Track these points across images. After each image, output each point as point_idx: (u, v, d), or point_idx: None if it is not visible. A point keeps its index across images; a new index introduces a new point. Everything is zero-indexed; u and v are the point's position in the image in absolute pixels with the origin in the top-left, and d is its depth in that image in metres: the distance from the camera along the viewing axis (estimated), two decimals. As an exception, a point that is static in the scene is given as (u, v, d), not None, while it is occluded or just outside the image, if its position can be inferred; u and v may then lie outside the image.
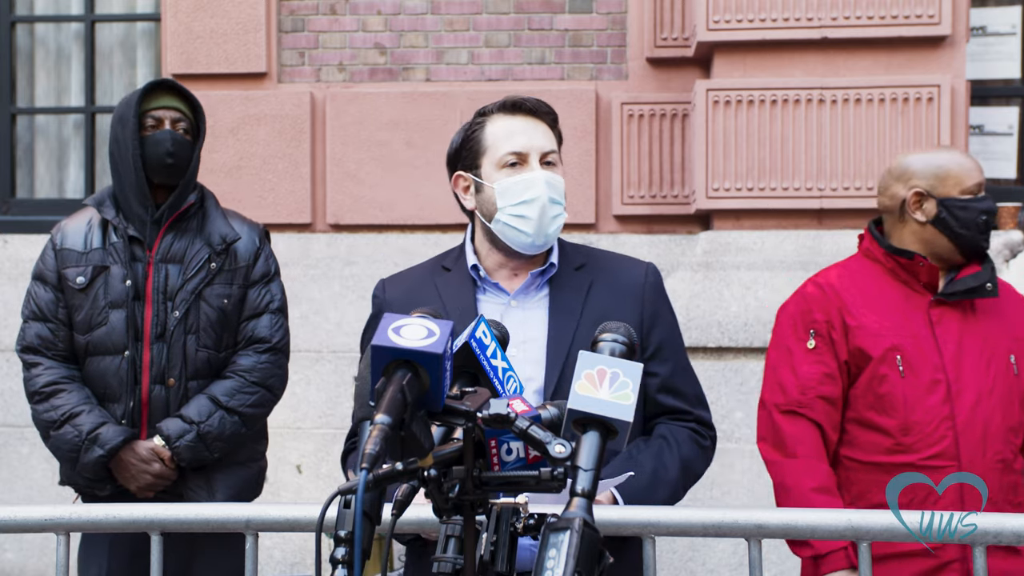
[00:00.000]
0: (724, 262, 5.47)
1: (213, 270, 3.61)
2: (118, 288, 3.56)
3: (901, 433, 3.03)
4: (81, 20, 6.61)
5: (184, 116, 3.66)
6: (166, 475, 3.56)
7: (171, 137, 3.59)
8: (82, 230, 3.64)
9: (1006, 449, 3.05)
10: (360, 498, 1.61)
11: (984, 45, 6.02)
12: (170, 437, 3.53)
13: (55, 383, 3.58)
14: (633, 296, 2.65)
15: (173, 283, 3.57)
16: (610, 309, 2.57)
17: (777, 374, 3.16)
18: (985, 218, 3.11)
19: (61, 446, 3.56)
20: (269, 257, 3.74)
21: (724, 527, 2.52)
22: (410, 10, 6.17)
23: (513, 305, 2.63)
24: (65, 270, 3.61)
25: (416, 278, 2.75)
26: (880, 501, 3.01)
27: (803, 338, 3.13)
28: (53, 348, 3.62)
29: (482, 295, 2.65)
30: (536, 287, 2.65)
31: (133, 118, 3.58)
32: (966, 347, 3.07)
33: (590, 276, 2.66)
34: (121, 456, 3.53)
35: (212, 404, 3.57)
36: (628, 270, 2.70)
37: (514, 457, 1.84)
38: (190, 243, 3.61)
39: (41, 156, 6.71)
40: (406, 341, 1.70)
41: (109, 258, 3.59)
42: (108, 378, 3.58)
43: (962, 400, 3.02)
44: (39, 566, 5.99)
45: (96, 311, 3.57)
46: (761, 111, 5.47)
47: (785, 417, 3.11)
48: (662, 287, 2.71)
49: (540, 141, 2.62)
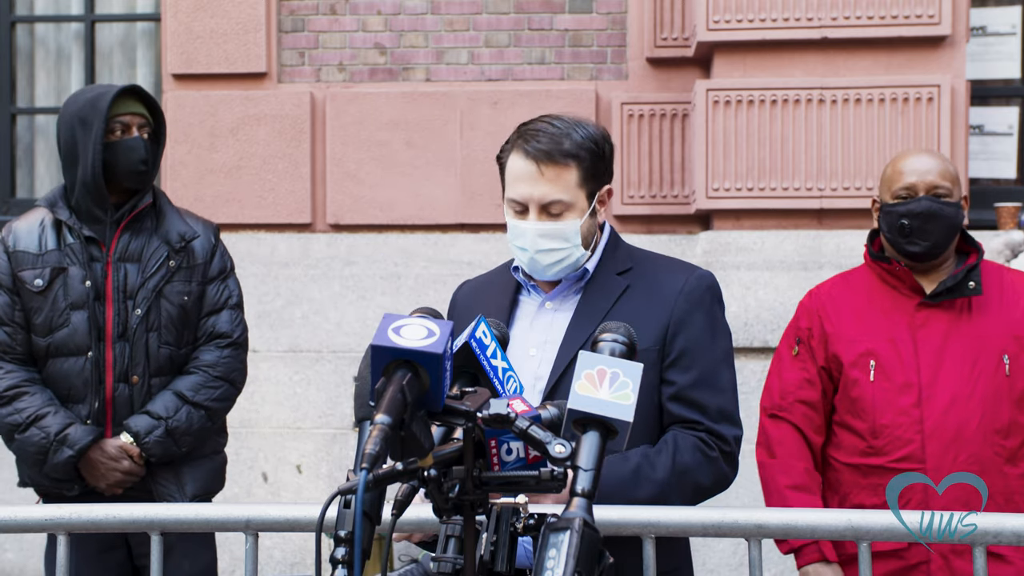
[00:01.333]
0: (724, 262, 5.47)
1: (172, 268, 3.62)
2: (78, 289, 3.55)
3: (871, 436, 3.11)
4: (81, 20, 6.61)
5: (148, 121, 3.67)
6: (135, 472, 3.57)
7: (143, 144, 3.60)
8: (35, 231, 3.62)
9: (986, 452, 3.04)
10: (360, 498, 1.61)
11: (984, 45, 6.01)
12: (139, 433, 3.54)
13: (16, 386, 3.57)
14: (664, 302, 2.62)
15: (133, 282, 3.57)
16: (637, 314, 2.54)
17: (769, 379, 3.30)
18: (905, 222, 3.10)
19: (27, 448, 3.55)
20: (224, 254, 3.76)
21: (724, 527, 2.52)
22: (410, 10, 6.17)
23: (547, 307, 2.67)
24: (21, 272, 3.58)
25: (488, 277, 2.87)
26: (859, 502, 3.12)
27: (792, 345, 3.26)
28: (11, 352, 3.60)
29: (524, 296, 2.71)
30: (574, 291, 2.68)
31: (100, 123, 3.56)
32: (950, 349, 3.08)
33: (629, 281, 2.66)
34: (89, 455, 3.53)
35: (178, 399, 3.59)
36: (672, 275, 2.68)
37: (514, 457, 1.84)
38: (147, 241, 3.62)
39: (41, 156, 6.71)
40: (406, 341, 1.70)
41: (66, 259, 3.57)
42: (72, 379, 3.57)
43: (933, 404, 3.06)
44: (39, 566, 5.98)
45: (56, 313, 3.56)
46: (761, 111, 5.47)
47: (770, 420, 3.24)
48: (702, 295, 2.65)
49: (540, 192, 2.58)
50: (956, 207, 3.12)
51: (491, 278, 2.84)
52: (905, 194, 3.13)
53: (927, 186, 3.12)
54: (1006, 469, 3.07)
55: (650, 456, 2.54)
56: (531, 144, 2.58)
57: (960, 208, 3.14)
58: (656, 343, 2.58)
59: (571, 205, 2.60)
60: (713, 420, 2.60)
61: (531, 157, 2.58)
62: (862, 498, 3.12)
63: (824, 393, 3.19)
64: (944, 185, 3.12)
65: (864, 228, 5.40)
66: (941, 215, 3.10)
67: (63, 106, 3.69)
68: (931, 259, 3.15)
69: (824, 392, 3.19)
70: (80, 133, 3.58)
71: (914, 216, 3.10)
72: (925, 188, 3.12)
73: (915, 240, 3.11)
